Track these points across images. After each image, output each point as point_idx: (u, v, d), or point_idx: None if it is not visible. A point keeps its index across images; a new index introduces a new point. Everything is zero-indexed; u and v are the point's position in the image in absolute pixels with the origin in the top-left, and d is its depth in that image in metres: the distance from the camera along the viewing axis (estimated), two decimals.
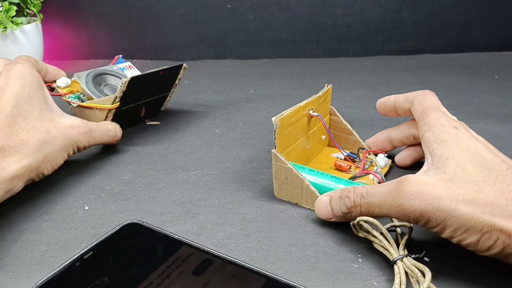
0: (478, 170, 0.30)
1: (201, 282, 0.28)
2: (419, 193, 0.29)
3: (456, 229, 0.28)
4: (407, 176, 0.31)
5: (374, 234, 0.32)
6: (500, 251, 0.27)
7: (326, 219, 0.36)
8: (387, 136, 0.45)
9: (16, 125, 0.39)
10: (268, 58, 0.90)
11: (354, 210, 0.33)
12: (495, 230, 0.27)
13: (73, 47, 0.96)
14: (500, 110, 0.58)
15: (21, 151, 0.37)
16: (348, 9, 0.85)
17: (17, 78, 0.41)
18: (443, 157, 0.32)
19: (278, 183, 0.40)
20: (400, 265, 0.30)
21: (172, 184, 0.43)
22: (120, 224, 0.33)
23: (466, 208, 0.28)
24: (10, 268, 0.33)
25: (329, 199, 0.35)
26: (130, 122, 0.57)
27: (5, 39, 0.76)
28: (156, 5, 0.89)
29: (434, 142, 0.33)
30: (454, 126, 0.34)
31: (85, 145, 0.45)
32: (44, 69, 0.50)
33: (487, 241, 0.27)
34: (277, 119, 0.38)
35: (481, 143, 0.32)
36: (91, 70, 0.55)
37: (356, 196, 0.33)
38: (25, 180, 0.38)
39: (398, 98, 0.42)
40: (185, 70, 0.58)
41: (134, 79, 0.50)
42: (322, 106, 0.46)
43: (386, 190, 0.31)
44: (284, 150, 0.40)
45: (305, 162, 0.44)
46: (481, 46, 0.85)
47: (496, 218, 0.27)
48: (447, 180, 0.30)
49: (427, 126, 0.36)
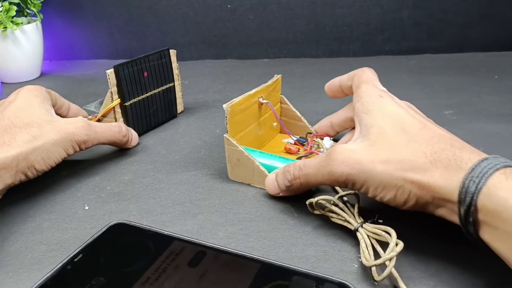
0: (397, 133, 0.33)
1: (199, 273, 0.29)
2: (345, 159, 0.33)
3: (376, 187, 0.32)
4: (336, 146, 0.34)
5: (332, 209, 0.35)
6: (415, 203, 0.31)
7: (275, 194, 0.40)
8: (329, 122, 0.48)
9: (11, 126, 0.40)
10: (268, 58, 0.89)
11: (295, 182, 0.37)
12: (407, 183, 0.30)
13: (73, 47, 0.96)
14: (500, 110, 0.58)
15: (9, 144, 0.38)
16: (348, 9, 0.85)
17: (24, 94, 0.44)
18: (368, 125, 0.35)
19: (231, 166, 0.43)
20: (362, 231, 0.33)
21: (172, 184, 0.43)
22: (106, 226, 0.33)
23: (382, 167, 0.31)
24: (10, 268, 0.33)
25: (275, 176, 0.39)
26: (147, 123, 0.55)
27: (5, 39, 0.76)
28: (156, 5, 0.89)
29: (361, 112, 0.36)
30: (379, 95, 0.37)
31: (85, 138, 0.43)
32: (66, 106, 0.51)
33: (403, 195, 0.31)
34: (228, 105, 0.41)
35: (402, 108, 0.35)
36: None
37: (295, 169, 0.37)
38: (13, 171, 0.38)
39: (342, 78, 0.45)
40: (176, 55, 0.57)
41: (119, 68, 0.49)
42: (272, 95, 0.49)
43: (319, 160, 0.35)
44: (236, 135, 0.43)
45: (258, 147, 0.47)
46: (481, 46, 0.85)
47: (407, 172, 0.30)
48: (369, 146, 0.33)
49: (358, 97, 0.38)
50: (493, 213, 0.26)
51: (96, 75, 0.82)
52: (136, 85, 0.52)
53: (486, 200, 0.26)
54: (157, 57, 0.55)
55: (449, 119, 0.56)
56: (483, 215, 0.27)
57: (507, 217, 0.25)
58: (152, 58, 0.54)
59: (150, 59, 0.54)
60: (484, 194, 0.27)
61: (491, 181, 0.27)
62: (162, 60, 0.55)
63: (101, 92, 0.70)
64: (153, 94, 0.55)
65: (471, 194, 0.27)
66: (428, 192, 0.30)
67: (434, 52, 0.85)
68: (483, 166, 0.28)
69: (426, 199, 0.30)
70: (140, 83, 0.53)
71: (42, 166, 0.40)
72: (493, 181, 0.27)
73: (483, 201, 0.27)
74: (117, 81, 0.50)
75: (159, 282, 0.28)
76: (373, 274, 0.30)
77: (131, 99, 0.52)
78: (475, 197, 0.27)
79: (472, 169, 0.28)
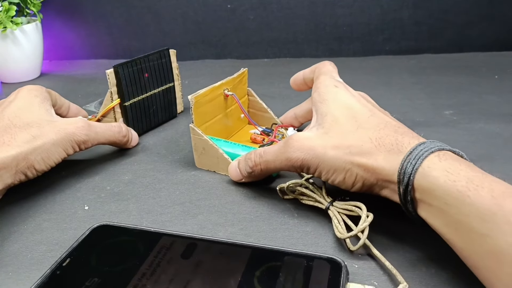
0: (348, 121, 0.35)
1: (193, 264, 0.30)
2: (300, 146, 0.35)
3: (328, 170, 0.34)
4: (293, 135, 0.37)
5: (302, 191, 0.38)
6: (362, 185, 0.33)
7: (238, 180, 0.42)
8: (293, 113, 0.51)
9: (11, 126, 0.40)
10: (268, 58, 0.89)
11: (256, 168, 0.39)
12: (354, 166, 0.33)
13: (73, 47, 0.95)
14: (500, 110, 0.58)
15: (9, 143, 0.38)
16: (348, 9, 0.85)
17: (24, 94, 0.44)
18: (323, 114, 0.37)
19: (198, 154, 0.45)
20: (333, 209, 0.35)
21: (172, 184, 0.43)
22: (89, 229, 0.34)
23: (333, 152, 0.34)
24: (10, 268, 0.33)
25: (237, 163, 0.42)
26: (147, 123, 0.55)
27: (5, 39, 0.76)
28: (156, 5, 0.89)
29: (318, 102, 0.39)
30: (334, 85, 0.39)
31: (85, 139, 0.43)
32: (66, 106, 0.51)
33: (350, 177, 0.33)
34: (193, 97, 0.43)
35: (355, 97, 0.38)
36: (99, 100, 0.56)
37: (256, 156, 0.39)
38: (13, 171, 0.38)
39: (305, 71, 0.47)
40: (176, 55, 0.57)
41: (119, 68, 0.49)
42: (238, 88, 0.50)
43: (277, 147, 0.38)
44: (202, 125, 0.45)
45: (226, 137, 0.49)
46: (481, 46, 0.84)
47: (354, 156, 0.33)
48: (323, 134, 0.35)
49: (315, 88, 0.41)
50: (427, 191, 0.29)
51: (96, 75, 0.82)
52: (136, 85, 0.52)
53: (421, 179, 0.29)
54: (157, 57, 0.55)
55: (449, 119, 0.56)
56: (419, 194, 0.29)
57: (439, 194, 0.28)
58: (152, 58, 0.54)
59: (150, 59, 0.54)
60: (419, 174, 0.29)
61: (426, 163, 0.29)
62: (162, 60, 0.55)
63: (101, 92, 0.69)
64: (153, 94, 0.55)
65: (408, 174, 0.29)
66: (373, 174, 0.32)
67: (434, 52, 0.85)
68: (419, 150, 0.30)
69: (371, 181, 0.32)
70: (140, 83, 0.53)
71: (42, 166, 0.40)
72: (428, 162, 0.29)
73: (419, 181, 0.29)
74: (117, 81, 0.50)
75: (155, 276, 0.29)
76: (348, 245, 0.32)
77: (131, 99, 0.52)
78: (412, 177, 0.29)
79: (410, 152, 0.30)
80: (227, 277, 0.28)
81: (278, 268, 0.29)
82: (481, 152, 0.46)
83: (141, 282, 0.28)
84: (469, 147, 0.47)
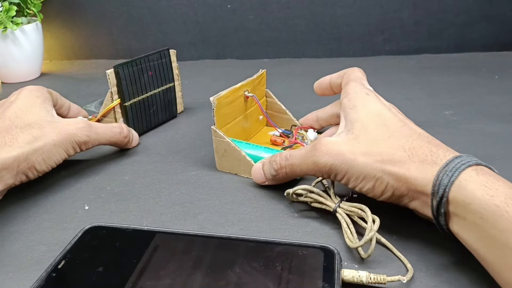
0: (378, 128, 0.35)
1: (193, 258, 0.30)
2: (328, 151, 0.34)
3: (357, 177, 0.33)
4: (321, 139, 0.36)
5: (309, 195, 0.37)
6: (392, 194, 0.32)
7: (261, 182, 0.41)
8: (315, 116, 0.50)
9: (12, 126, 0.40)
10: (268, 58, 0.89)
11: (281, 171, 0.39)
12: (385, 175, 0.32)
13: (73, 47, 0.95)
14: (500, 110, 0.58)
15: (11, 144, 0.38)
16: (348, 9, 0.85)
17: (25, 94, 0.44)
18: (353, 120, 0.37)
19: (219, 156, 0.44)
20: (341, 211, 0.35)
21: (172, 184, 0.43)
22: (81, 230, 0.34)
23: (363, 158, 0.33)
24: (11, 268, 0.33)
25: (261, 165, 0.41)
26: (147, 123, 0.55)
27: (5, 39, 0.76)
28: (156, 5, 0.89)
29: (347, 107, 0.38)
30: (365, 93, 0.39)
31: (85, 139, 0.43)
32: (66, 106, 0.51)
33: (380, 185, 0.32)
34: (215, 98, 0.43)
35: (385, 106, 0.37)
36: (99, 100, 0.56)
37: (281, 159, 0.39)
38: (14, 172, 0.38)
39: (333, 76, 0.46)
40: (176, 55, 0.57)
41: (119, 68, 0.49)
42: (257, 89, 0.50)
43: (304, 151, 0.37)
44: (223, 127, 0.45)
45: (244, 139, 0.49)
46: (481, 46, 0.85)
47: (386, 164, 0.32)
48: (352, 139, 0.35)
49: (345, 93, 0.40)
50: (462, 204, 0.28)
51: (96, 75, 0.82)
52: (136, 85, 0.52)
53: (457, 192, 0.28)
54: (157, 57, 0.55)
55: (449, 119, 0.56)
56: (453, 207, 0.29)
57: (475, 208, 0.27)
58: (152, 58, 0.54)
59: (150, 59, 0.54)
60: (456, 186, 0.28)
61: (463, 176, 0.28)
62: (162, 60, 0.55)
63: (101, 92, 0.69)
64: (153, 94, 0.55)
65: (444, 186, 0.29)
66: (404, 184, 0.31)
67: (434, 52, 0.85)
68: (456, 162, 0.29)
69: (402, 191, 0.32)
70: (140, 83, 0.53)
71: (43, 167, 0.40)
72: (465, 175, 0.28)
73: (454, 193, 0.28)
74: (117, 81, 0.50)
75: (150, 275, 0.29)
76: (360, 253, 0.32)
77: (131, 99, 0.52)
78: (447, 189, 0.28)
79: (446, 164, 0.30)
80: (224, 270, 0.29)
81: (274, 258, 0.30)
82: (481, 152, 0.46)
83: (136, 281, 0.28)
84: (469, 147, 0.47)
